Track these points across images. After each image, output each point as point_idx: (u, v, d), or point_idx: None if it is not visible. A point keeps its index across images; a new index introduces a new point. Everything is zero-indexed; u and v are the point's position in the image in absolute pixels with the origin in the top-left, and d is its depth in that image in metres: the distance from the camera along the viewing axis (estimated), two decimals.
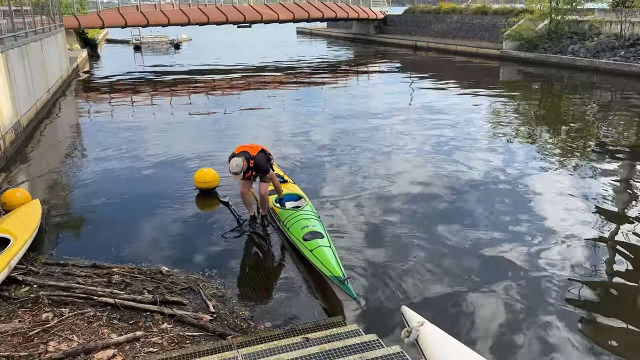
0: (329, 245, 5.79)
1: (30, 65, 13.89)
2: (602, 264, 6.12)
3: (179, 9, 34.08)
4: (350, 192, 8.44)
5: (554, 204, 7.87)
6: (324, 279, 5.48)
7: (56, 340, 4.28)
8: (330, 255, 5.53)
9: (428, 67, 26.73)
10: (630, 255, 6.34)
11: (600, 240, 6.68)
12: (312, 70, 26.01)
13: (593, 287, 5.64)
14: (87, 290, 5.11)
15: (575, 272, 5.88)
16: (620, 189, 8.73)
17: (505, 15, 30.72)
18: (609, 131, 12.90)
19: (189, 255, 6.37)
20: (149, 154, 10.94)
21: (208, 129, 13.39)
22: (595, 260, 6.17)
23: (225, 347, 4.06)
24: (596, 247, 6.51)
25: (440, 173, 9.37)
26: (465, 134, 12.27)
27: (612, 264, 6.13)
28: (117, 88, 21.18)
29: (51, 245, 6.67)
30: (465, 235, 6.84)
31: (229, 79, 23.39)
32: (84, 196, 8.51)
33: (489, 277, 5.77)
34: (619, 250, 6.48)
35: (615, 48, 22.55)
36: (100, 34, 44.34)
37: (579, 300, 5.37)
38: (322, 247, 5.67)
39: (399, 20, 41.77)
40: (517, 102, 17.22)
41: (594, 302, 5.41)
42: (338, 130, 12.83)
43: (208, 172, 8.44)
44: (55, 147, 12.08)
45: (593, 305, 5.35)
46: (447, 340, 2.70)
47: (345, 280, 5.04)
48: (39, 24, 17.03)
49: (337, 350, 3.60)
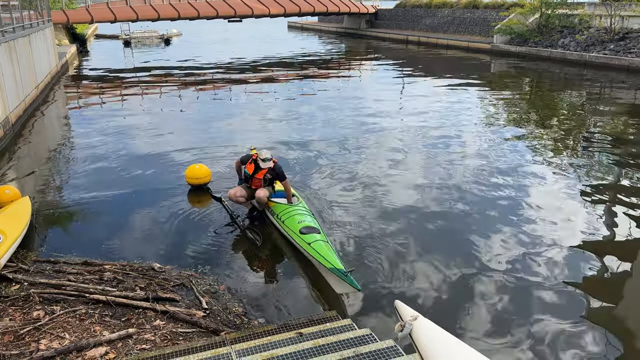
0: (326, 240, 5.79)
1: (18, 61, 13.73)
2: (593, 259, 6.17)
3: (169, 3, 33.77)
4: (340, 189, 8.44)
5: (546, 201, 7.93)
6: (318, 274, 5.48)
7: (48, 338, 4.24)
8: (329, 248, 5.53)
9: (419, 61, 26.74)
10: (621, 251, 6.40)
11: (594, 236, 6.74)
12: (303, 65, 25.92)
13: (584, 282, 5.70)
14: (78, 287, 5.07)
15: (565, 269, 5.93)
16: (610, 181, 8.79)
17: (496, 10, 30.81)
18: (598, 125, 12.98)
19: (181, 251, 6.34)
20: (140, 150, 10.87)
21: (198, 124, 13.31)
22: (585, 256, 6.23)
23: (218, 343, 4.05)
24: (588, 243, 6.57)
25: (431, 169, 9.40)
26: (456, 128, 12.31)
27: (603, 259, 6.19)
28: (106, 84, 21.00)
29: (42, 243, 6.61)
30: (457, 232, 6.88)
31: (219, 74, 23.26)
32: (74, 193, 8.44)
33: (482, 273, 5.81)
34: (609, 246, 6.54)
35: (605, 42, 22.70)
36: (89, 29, 43.92)
37: (570, 297, 5.41)
38: (319, 241, 5.67)
39: (390, 15, 41.73)
40: (508, 96, 17.28)
41: (585, 298, 5.45)
42: (327, 126, 12.82)
43: (200, 167, 8.40)
44: (44, 143, 11.96)
45: (585, 300, 5.40)
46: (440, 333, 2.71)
47: (349, 272, 5.02)
48: (26, 19, 16.80)
49: (331, 345, 3.60)
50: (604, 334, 4.79)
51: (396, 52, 30.71)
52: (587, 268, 5.91)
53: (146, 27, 42.82)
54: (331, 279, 5.22)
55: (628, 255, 6.22)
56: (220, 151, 10.58)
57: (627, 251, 6.33)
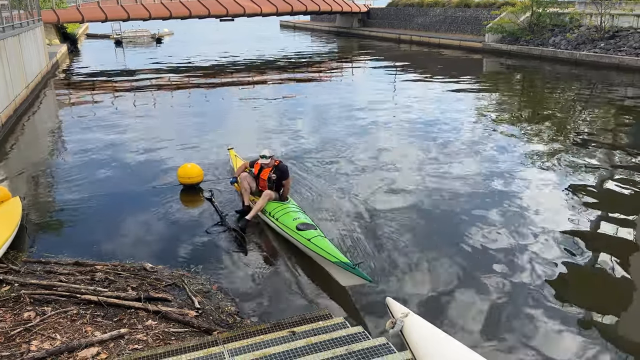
0: (324, 235, 5.80)
1: (8, 60, 13.61)
2: (583, 255, 6.22)
3: (161, 2, 33.63)
4: (331, 187, 8.45)
5: (537, 197, 7.98)
6: (310, 272, 5.48)
7: (39, 339, 4.22)
8: (329, 243, 5.53)
9: (412, 60, 26.80)
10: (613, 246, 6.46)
11: (582, 233, 6.79)
12: (296, 65, 25.91)
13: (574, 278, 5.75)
14: (69, 288, 5.04)
15: (556, 265, 5.97)
16: (599, 179, 8.86)
17: (488, 8, 30.92)
18: (589, 123, 13.07)
19: (173, 251, 6.32)
20: (131, 149, 10.82)
21: (191, 124, 13.27)
22: (576, 252, 6.27)
23: (211, 342, 4.04)
24: (579, 239, 6.61)
25: (422, 167, 9.43)
26: (449, 126, 12.34)
27: (593, 254, 6.23)
28: (97, 83, 20.88)
29: (32, 243, 6.56)
30: (449, 229, 6.91)
31: (210, 74, 23.19)
32: (65, 193, 8.39)
33: (473, 270, 5.83)
34: (599, 241, 6.60)
35: (596, 40, 22.85)
36: (80, 29, 43.64)
37: (561, 294, 5.45)
38: (319, 236, 5.67)
39: (382, 14, 41.78)
40: (500, 94, 17.36)
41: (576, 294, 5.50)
42: (321, 125, 12.82)
43: (192, 167, 8.37)
44: (35, 143, 11.88)
45: (575, 297, 5.44)
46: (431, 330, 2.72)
47: (357, 265, 5.01)
48: (16, 18, 16.67)
49: (324, 343, 3.60)
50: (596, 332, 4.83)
51: (389, 51, 30.75)
52: (580, 266, 5.95)
53: (137, 27, 42.61)
54: (337, 272, 5.20)
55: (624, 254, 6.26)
56: (212, 151, 10.55)
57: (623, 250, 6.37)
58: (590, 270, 5.91)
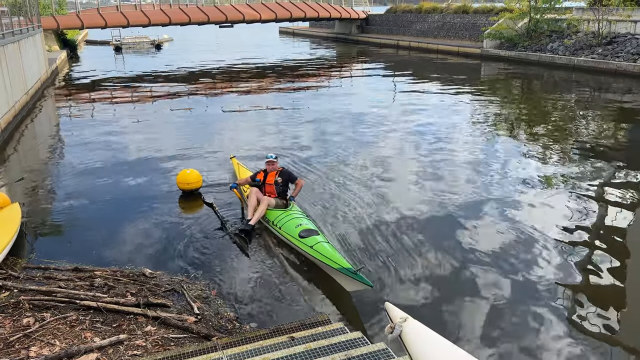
0: (327, 240, 5.81)
1: (8, 67, 13.65)
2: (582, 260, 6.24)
3: (160, 9, 33.71)
4: (330, 193, 8.46)
5: (535, 203, 7.99)
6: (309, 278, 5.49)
7: (38, 345, 4.21)
8: (332, 249, 5.53)
9: (410, 66, 26.88)
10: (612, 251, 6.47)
11: (581, 237, 6.80)
12: (295, 71, 25.98)
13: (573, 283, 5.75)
14: (69, 294, 5.04)
15: (554, 270, 5.98)
16: (598, 183, 8.88)
17: (486, 15, 31.06)
18: (587, 128, 13.12)
19: (172, 257, 6.32)
20: (131, 155, 10.83)
21: (190, 130, 13.29)
22: (574, 256, 6.29)
23: (210, 348, 4.04)
24: (577, 244, 6.63)
25: (422, 173, 9.45)
26: (447, 132, 12.38)
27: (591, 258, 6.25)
28: (97, 89, 20.92)
29: (32, 249, 6.56)
30: (446, 235, 6.91)
31: (209, 80, 23.25)
32: (64, 199, 8.39)
33: (471, 275, 5.84)
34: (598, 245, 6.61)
35: (593, 46, 22.95)
36: (80, 35, 43.74)
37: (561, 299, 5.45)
38: (321, 243, 5.68)
39: (380, 20, 41.93)
40: (498, 100, 17.41)
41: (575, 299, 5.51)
42: (320, 132, 12.86)
43: (191, 173, 8.38)
44: (34, 149, 11.89)
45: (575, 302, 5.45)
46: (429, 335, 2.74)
47: (358, 270, 5.03)
48: (16, 25, 16.72)
49: (323, 348, 3.61)
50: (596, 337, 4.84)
51: (387, 57, 30.86)
52: (578, 271, 5.96)
53: (137, 33, 42.70)
54: (340, 278, 5.24)
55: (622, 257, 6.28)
56: (211, 157, 10.57)
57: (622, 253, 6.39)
58: (589, 274, 5.92)
